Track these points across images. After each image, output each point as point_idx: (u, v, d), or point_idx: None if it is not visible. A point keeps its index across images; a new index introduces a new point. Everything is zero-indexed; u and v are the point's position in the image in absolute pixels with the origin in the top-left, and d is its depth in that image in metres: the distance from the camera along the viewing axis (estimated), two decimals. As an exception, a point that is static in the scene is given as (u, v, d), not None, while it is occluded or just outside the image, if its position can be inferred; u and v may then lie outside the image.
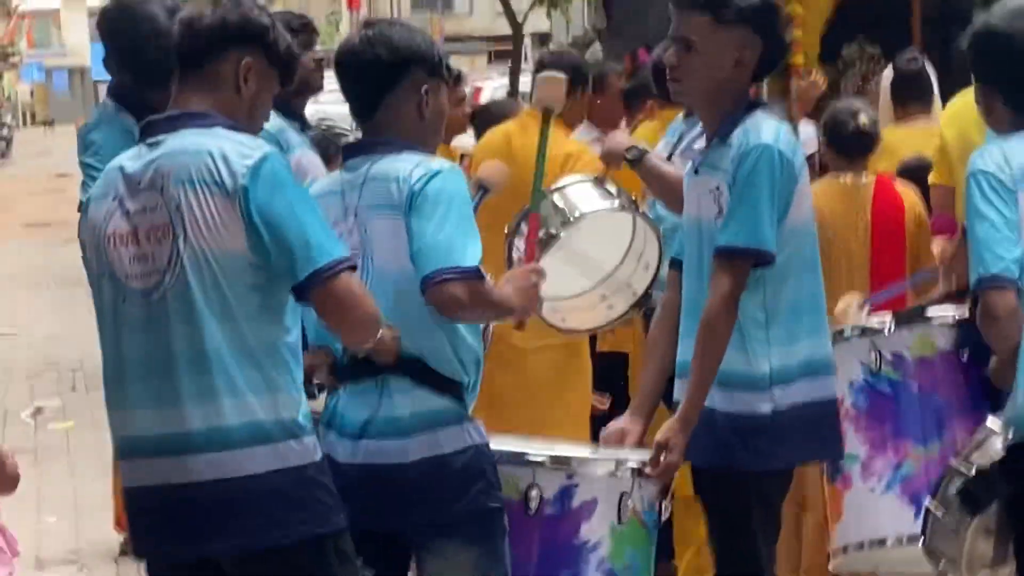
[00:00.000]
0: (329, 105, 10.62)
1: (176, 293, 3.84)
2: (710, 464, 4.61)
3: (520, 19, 18.99)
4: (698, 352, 4.52)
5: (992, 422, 4.33)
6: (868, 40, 10.10)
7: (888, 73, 8.02)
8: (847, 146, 6.53)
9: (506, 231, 5.34)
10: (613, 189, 5.45)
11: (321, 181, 4.65)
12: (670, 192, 5.47)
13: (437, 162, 4.36)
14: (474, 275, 4.19)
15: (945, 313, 5.37)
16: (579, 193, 5.44)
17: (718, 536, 4.74)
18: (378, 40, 4.42)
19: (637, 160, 5.62)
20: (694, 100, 4.84)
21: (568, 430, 6.68)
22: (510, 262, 5.29)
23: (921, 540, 4.63)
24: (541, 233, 5.12)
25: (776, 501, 4.75)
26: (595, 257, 5.47)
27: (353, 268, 3.93)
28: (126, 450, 4.02)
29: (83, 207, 4.22)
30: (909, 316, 5.41)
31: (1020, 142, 4.29)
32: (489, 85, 25.44)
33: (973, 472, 4.32)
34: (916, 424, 5.26)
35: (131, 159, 3.99)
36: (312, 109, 7.01)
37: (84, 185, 5.25)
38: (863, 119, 6.57)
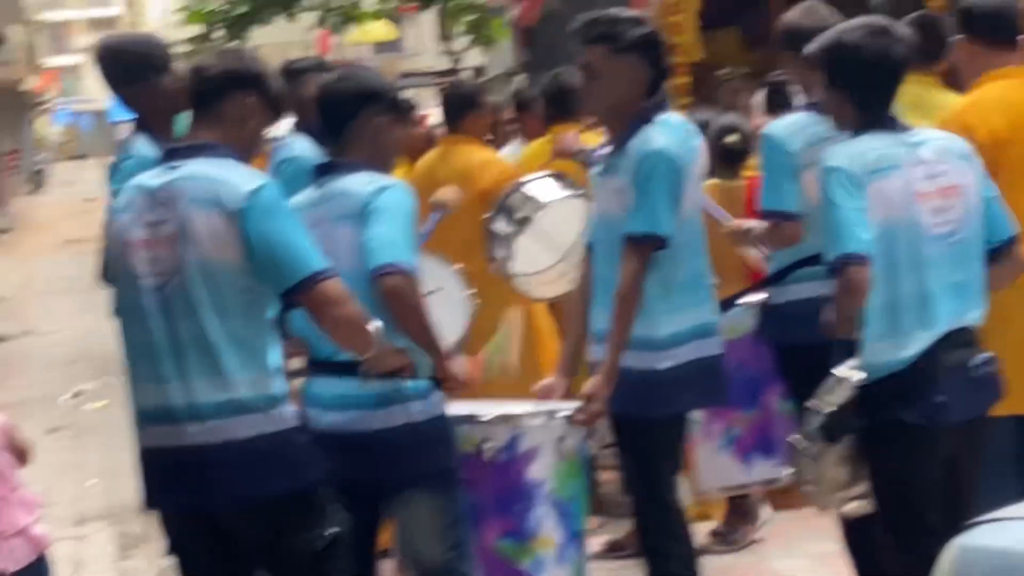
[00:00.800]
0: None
1: (181, 291, 3.86)
2: (625, 411, 4.64)
3: (457, 57, 18.93)
4: (614, 321, 4.55)
5: (838, 371, 4.26)
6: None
7: (758, 98, 7.95)
8: (722, 156, 6.59)
9: (486, 217, 5.78)
10: (569, 182, 5.72)
11: (297, 197, 4.59)
12: None
13: (387, 179, 4.40)
14: (414, 273, 4.24)
15: (751, 300, 5.42)
16: (544, 186, 5.76)
17: (633, 470, 4.75)
18: (346, 78, 4.52)
19: (584, 160, 5.72)
20: (598, 116, 4.87)
21: None
22: (491, 240, 5.71)
23: (790, 468, 4.66)
24: (518, 215, 5.27)
25: (676, 440, 4.79)
26: (556, 237, 5.62)
27: (335, 276, 3.92)
28: (141, 417, 4.03)
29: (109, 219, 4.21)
30: (723, 304, 5.25)
31: (867, 141, 4.26)
32: (435, 112, 25.45)
33: (830, 410, 4.26)
34: (737, 394, 5.22)
35: (152, 178, 4.01)
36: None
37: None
38: (731, 139, 6.68)
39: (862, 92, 4.34)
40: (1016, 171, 4.48)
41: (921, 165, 4.25)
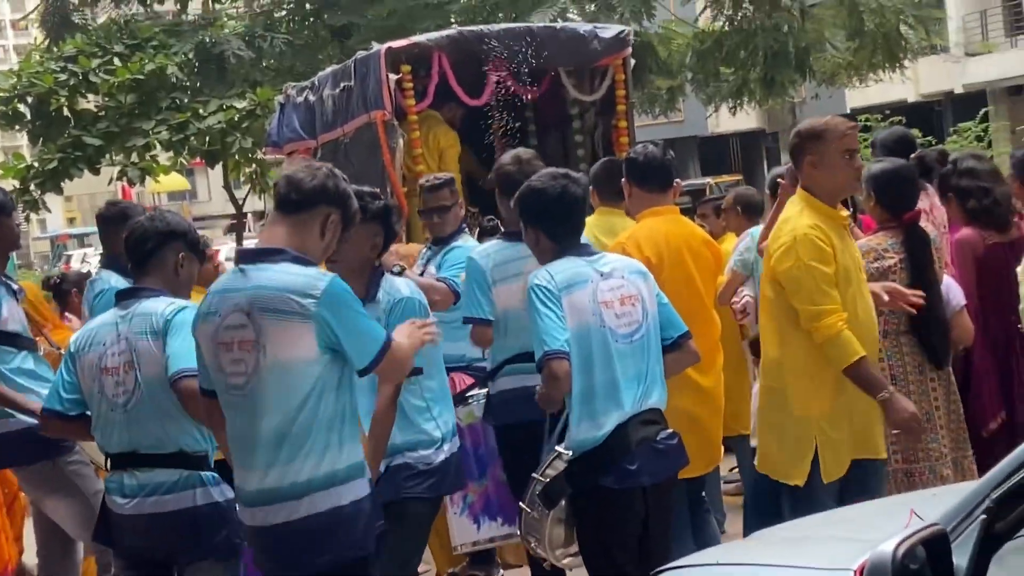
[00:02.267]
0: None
1: (258, 389, 3.69)
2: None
3: (241, 202, 18.90)
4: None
5: (554, 447, 4.44)
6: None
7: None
8: None
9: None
10: None
11: (100, 316, 4.63)
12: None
13: (181, 302, 4.44)
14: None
15: (477, 393, 5.61)
16: None
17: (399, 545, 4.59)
18: (154, 219, 4.56)
19: (399, 273, 5.68)
20: (346, 274, 4.28)
21: None
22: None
23: (518, 528, 4.68)
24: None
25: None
26: None
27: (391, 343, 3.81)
28: (242, 499, 3.84)
29: (196, 319, 3.92)
30: (456, 399, 5.39)
31: (561, 264, 4.42)
32: (224, 248, 25.37)
33: (547, 480, 4.40)
34: (471, 469, 5.41)
35: (228, 282, 3.81)
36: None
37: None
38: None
39: (551, 226, 4.51)
40: (668, 288, 4.75)
41: (604, 280, 4.43)
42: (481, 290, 5.27)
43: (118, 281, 5.59)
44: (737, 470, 6.84)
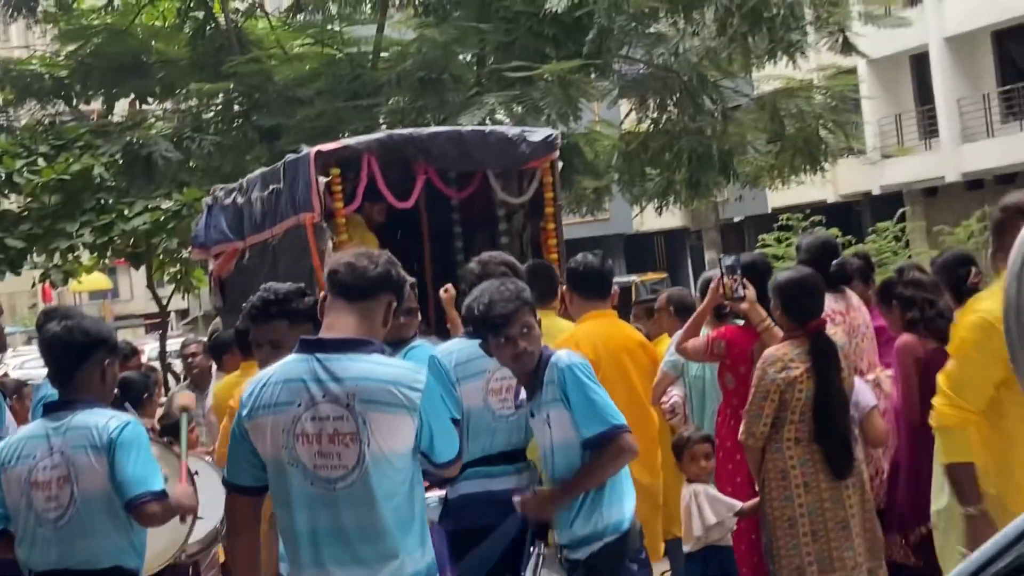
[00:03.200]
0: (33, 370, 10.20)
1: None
2: None
3: (165, 301, 18.71)
4: None
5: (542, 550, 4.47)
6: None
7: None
8: None
9: None
10: None
11: (24, 429, 4.50)
12: None
13: (124, 416, 4.36)
14: (164, 495, 4.23)
15: (434, 495, 5.18)
16: None
17: None
18: (76, 329, 4.40)
19: None
20: None
21: None
22: None
23: None
24: None
25: None
26: None
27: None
28: None
29: (253, 410, 3.64)
30: None
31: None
32: (147, 347, 25.00)
33: None
34: None
35: (310, 374, 3.59)
36: (20, 373, 6.79)
37: None
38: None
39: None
40: (606, 387, 4.74)
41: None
42: (446, 390, 5.13)
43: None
44: (670, 574, 6.78)
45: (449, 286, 5.80)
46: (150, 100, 16.94)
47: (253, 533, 3.72)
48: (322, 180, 7.74)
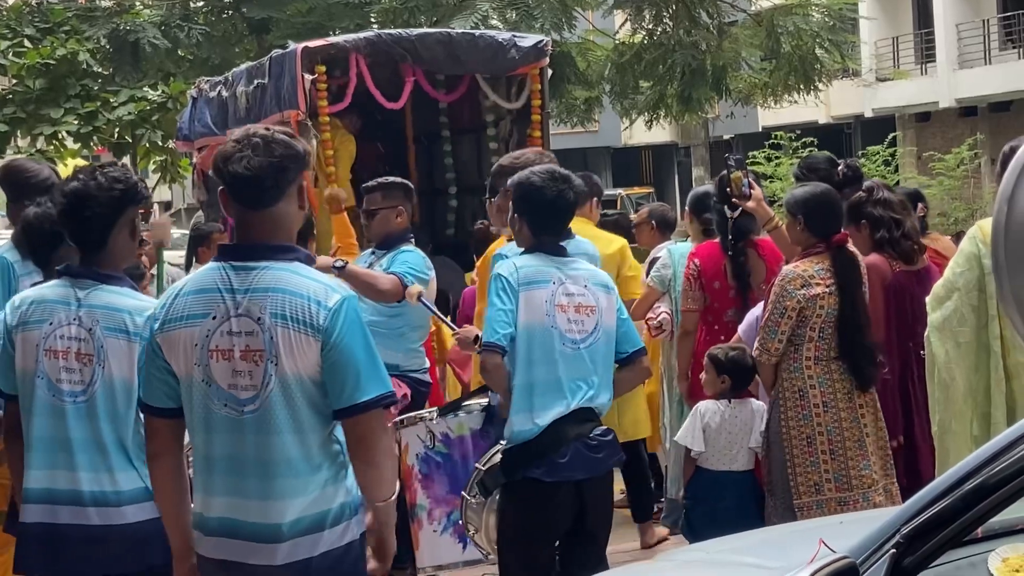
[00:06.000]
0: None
1: (264, 407, 3.21)
2: None
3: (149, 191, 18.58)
4: None
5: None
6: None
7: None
8: None
9: None
10: None
11: (44, 288, 3.96)
12: (365, 288, 5.53)
13: (148, 301, 3.91)
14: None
15: (474, 403, 5.31)
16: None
17: None
18: (110, 179, 3.78)
19: (341, 269, 5.59)
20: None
21: None
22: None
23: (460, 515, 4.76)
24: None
25: None
26: None
27: (391, 404, 3.36)
28: (203, 527, 3.32)
29: (165, 323, 3.30)
30: (449, 407, 5.35)
31: (529, 259, 4.50)
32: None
33: (485, 469, 4.53)
34: (461, 483, 5.03)
35: (225, 283, 3.27)
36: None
37: None
38: None
39: (537, 221, 4.55)
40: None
41: (565, 284, 4.48)
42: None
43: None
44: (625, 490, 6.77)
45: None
46: (139, -14, 16.69)
47: (175, 458, 3.40)
48: (308, 77, 7.64)
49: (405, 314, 5.86)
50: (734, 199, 5.84)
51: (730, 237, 6.02)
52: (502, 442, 4.51)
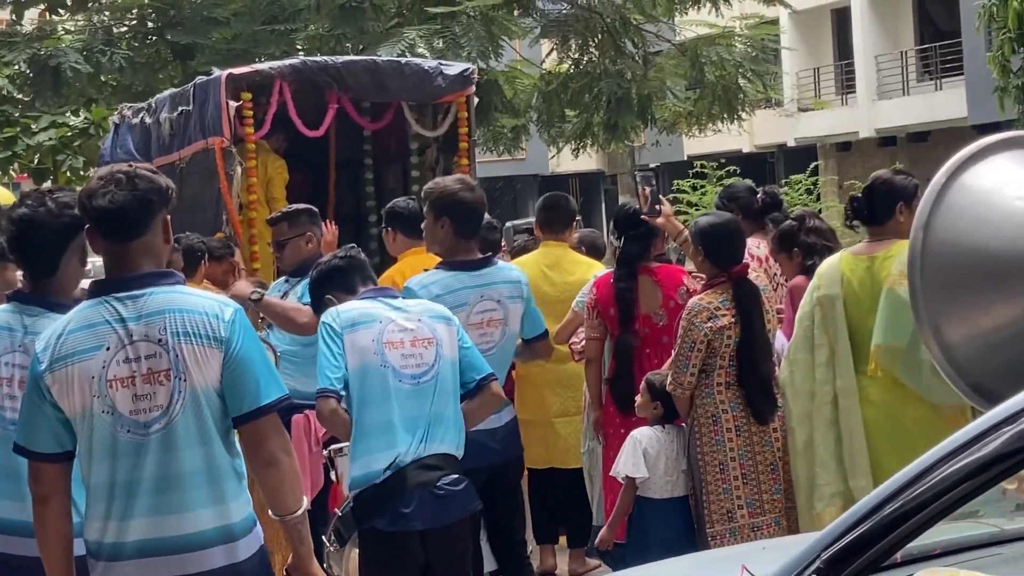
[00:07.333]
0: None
1: (171, 425, 3.26)
2: None
3: (71, 221, 18.30)
4: None
5: None
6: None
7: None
8: None
9: None
10: None
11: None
12: (282, 321, 5.70)
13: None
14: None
15: None
16: None
17: None
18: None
19: (257, 301, 5.66)
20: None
21: None
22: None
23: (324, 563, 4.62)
24: None
25: None
26: None
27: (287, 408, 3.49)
28: (117, 554, 3.29)
29: (53, 363, 3.28)
30: None
31: (352, 304, 4.45)
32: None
33: (339, 516, 4.43)
34: None
35: (113, 315, 3.27)
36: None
37: None
38: None
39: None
40: None
41: (395, 322, 4.40)
42: None
43: None
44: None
45: None
46: (61, 11, 16.46)
47: (65, 500, 3.36)
48: (233, 104, 7.60)
49: None
50: (643, 215, 5.90)
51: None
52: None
